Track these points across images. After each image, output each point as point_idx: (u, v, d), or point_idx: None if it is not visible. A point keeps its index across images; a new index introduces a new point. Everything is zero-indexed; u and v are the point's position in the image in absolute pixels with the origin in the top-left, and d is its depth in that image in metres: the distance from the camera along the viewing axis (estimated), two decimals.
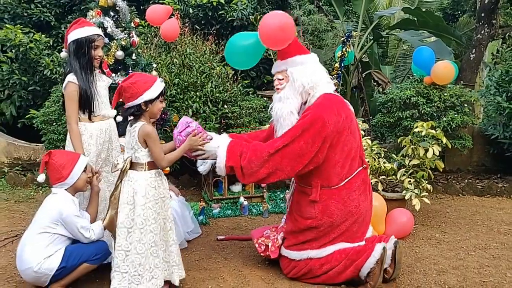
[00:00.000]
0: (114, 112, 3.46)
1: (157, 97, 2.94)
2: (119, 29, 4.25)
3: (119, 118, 2.75)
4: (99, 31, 3.38)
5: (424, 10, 10.09)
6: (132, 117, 2.95)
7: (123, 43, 4.21)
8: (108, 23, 4.17)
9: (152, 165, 2.96)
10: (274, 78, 3.40)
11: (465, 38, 11.18)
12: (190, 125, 3.25)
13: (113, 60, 4.17)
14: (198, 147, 3.17)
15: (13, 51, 7.22)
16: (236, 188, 5.19)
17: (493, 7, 8.68)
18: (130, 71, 4.29)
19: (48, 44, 7.68)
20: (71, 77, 3.25)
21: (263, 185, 5.07)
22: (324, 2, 11.44)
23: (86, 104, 3.28)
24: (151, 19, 5.22)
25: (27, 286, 3.23)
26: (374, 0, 11.22)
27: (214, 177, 4.97)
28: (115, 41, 4.18)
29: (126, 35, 4.27)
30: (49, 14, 8.15)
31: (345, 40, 5.32)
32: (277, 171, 3.14)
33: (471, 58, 8.89)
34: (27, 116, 7.00)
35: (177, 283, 3.07)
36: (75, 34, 3.28)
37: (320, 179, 3.20)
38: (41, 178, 3.16)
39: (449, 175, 6.02)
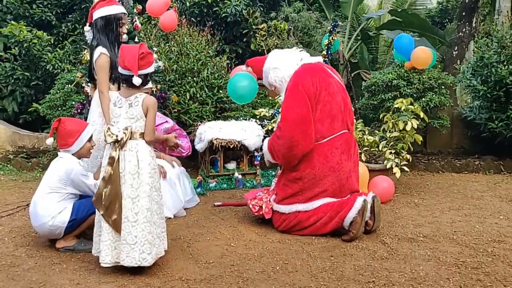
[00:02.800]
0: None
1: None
2: None
3: (138, 82, 2.96)
4: (124, 10, 3.71)
5: (410, 12, 10.59)
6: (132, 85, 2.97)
7: (127, 27, 4.58)
8: None
9: None
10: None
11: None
12: (168, 121, 3.62)
13: None
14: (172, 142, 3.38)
15: (17, 48, 7.54)
16: (231, 166, 5.54)
17: (473, 6, 9.17)
18: None
19: (50, 42, 8.02)
20: (103, 49, 3.58)
21: (256, 163, 5.43)
22: (315, 8, 11.91)
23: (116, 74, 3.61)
24: (151, 11, 5.62)
25: (41, 240, 3.56)
26: (361, 3, 11.69)
27: (211, 155, 5.33)
28: None
29: (129, 20, 4.65)
30: (51, 14, 8.51)
31: (331, 29, 5.72)
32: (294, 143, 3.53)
33: (454, 55, 9.37)
34: (29, 110, 7.33)
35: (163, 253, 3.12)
36: (104, 11, 3.62)
37: None
38: (49, 141, 3.47)
39: (430, 157, 6.42)
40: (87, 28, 3.78)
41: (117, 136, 2.92)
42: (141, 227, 2.90)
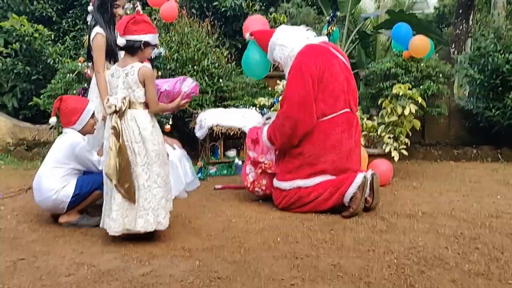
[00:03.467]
0: None
1: (153, 45, 3.11)
2: None
3: (121, 42, 2.95)
4: None
5: (407, 13, 10.70)
6: (124, 52, 3.03)
7: (128, 12, 4.64)
8: None
9: (147, 105, 3.05)
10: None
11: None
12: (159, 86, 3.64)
13: None
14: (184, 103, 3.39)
15: (17, 43, 7.55)
16: (231, 153, 5.58)
17: (469, 3, 9.26)
18: None
19: (50, 38, 8.05)
20: (99, 29, 3.62)
21: None
22: (313, 9, 11.98)
23: (112, 53, 3.66)
24: (151, 1, 5.69)
25: (44, 217, 3.59)
26: (359, 3, 11.78)
27: (211, 142, 5.37)
28: None
29: (131, 6, 4.71)
30: (51, 10, 8.56)
31: (330, 19, 5.78)
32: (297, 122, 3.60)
33: (451, 53, 9.43)
34: (29, 104, 7.34)
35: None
36: None
37: None
38: (52, 120, 3.52)
39: (428, 147, 6.47)
40: (90, 8, 3.84)
41: (115, 106, 2.92)
42: (154, 192, 2.97)
